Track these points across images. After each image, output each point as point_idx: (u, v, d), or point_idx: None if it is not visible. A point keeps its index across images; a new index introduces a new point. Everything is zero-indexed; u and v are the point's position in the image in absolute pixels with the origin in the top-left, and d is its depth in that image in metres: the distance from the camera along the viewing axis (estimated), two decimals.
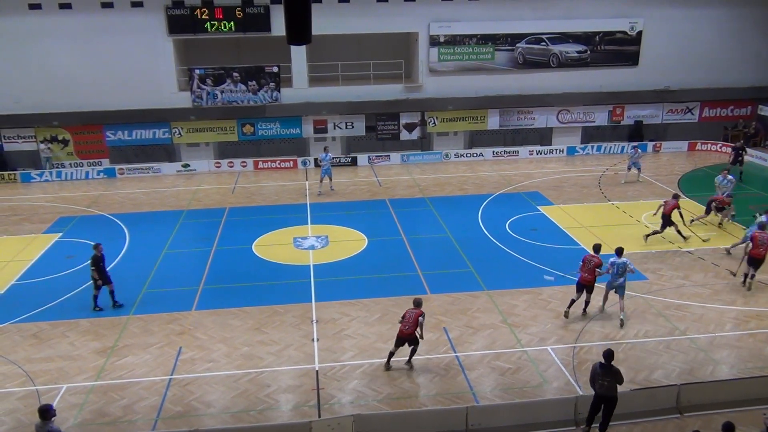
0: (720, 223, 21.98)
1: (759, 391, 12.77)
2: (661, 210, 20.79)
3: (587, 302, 16.17)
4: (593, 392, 11.57)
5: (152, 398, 13.24)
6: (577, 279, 16.11)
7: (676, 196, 21.26)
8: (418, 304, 13.91)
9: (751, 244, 17.28)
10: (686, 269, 18.91)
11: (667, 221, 20.51)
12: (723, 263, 19.23)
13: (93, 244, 17.07)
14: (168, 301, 17.39)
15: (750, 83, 33.27)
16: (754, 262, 17.24)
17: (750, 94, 33.49)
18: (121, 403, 13.08)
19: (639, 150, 28.33)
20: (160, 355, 14.82)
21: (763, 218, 18.44)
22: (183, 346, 15.18)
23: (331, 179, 27.26)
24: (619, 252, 15.88)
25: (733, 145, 29.59)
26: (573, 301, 16.06)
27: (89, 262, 16.84)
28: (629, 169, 27.93)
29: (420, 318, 13.63)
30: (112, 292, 17.07)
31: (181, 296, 17.69)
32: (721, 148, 32.77)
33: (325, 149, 27.73)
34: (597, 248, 16.26)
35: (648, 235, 20.73)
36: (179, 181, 29.83)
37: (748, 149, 31.69)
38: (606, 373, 11.28)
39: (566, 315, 16.06)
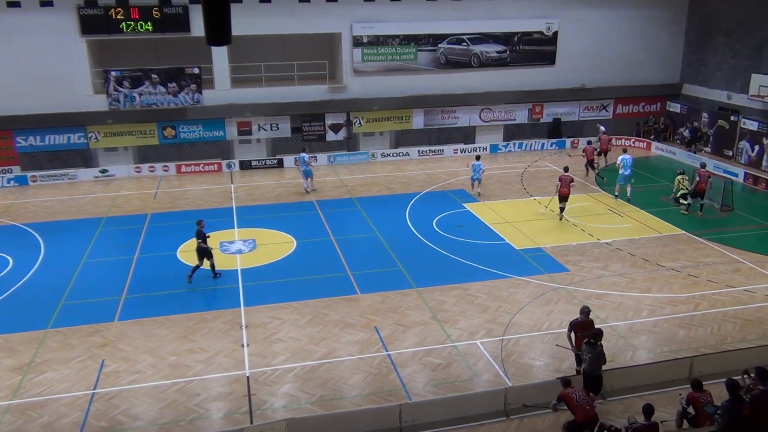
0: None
1: (674, 373, 13.47)
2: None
3: (562, 209, 22.82)
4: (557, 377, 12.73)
5: (74, 414, 12.70)
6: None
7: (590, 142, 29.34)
8: (582, 312, 13.23)
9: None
10: (605, 260, 19.69)
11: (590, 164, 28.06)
12: (639, 252, 20.17)
13: (196, 220, 18.60)
14: (89, 312, 16.71)
15: (659, 81, 34.98)
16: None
17: (659, 91, 35.24)
18: (41, 422, 12.49)
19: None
20: (81, 369, 14.23)
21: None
22: (106, 359, 14.63)
23: (311, 179, 27.26)
24: (477, 158, 25.54)
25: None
26: (561, 209, 22.82)
27: (196, 237, 18.26)
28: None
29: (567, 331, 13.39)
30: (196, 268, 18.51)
31: (103, 307, 17.02)
32: (634, 143, 34.33)
33: (304, 149, 27.82)
34: (566, 169, 23.11)
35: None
36: (97, 188, 28.69)
37: (657, 143, 33.41)
38: (589, 350, 12.29)
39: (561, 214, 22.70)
